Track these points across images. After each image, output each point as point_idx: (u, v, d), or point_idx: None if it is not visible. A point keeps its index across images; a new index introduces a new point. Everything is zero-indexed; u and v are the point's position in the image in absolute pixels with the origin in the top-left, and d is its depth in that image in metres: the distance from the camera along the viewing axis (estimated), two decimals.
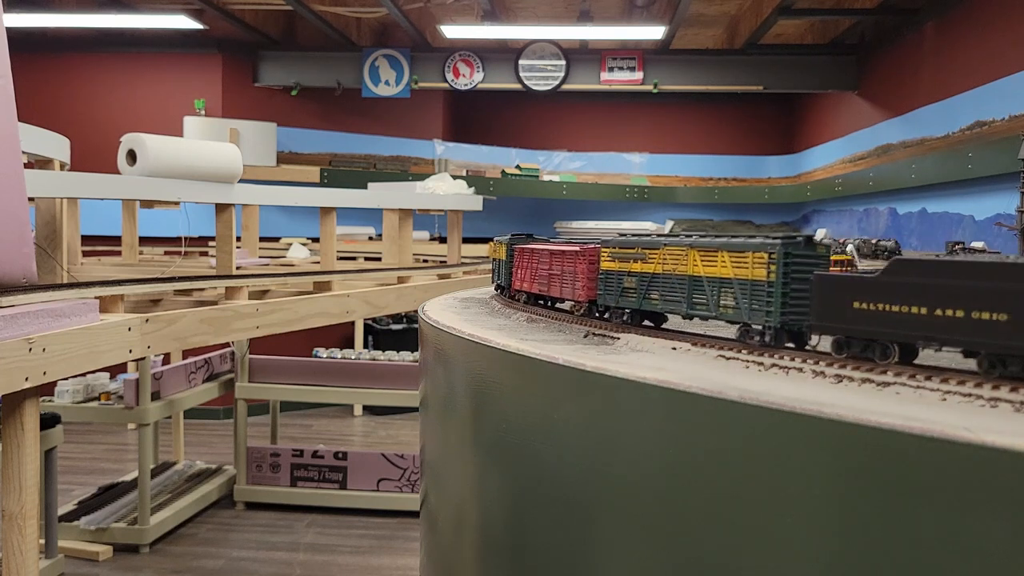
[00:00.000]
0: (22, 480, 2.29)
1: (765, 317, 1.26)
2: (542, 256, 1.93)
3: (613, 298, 1.62)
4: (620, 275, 1.59)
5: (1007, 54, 5.24)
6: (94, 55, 8.59)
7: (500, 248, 2.29)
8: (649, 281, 1.51)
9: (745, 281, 1.29)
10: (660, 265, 1.48)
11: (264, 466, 5.82)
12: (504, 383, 1.46)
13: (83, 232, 4.58)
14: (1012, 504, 0.77)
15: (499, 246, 2.30)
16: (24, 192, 2.48)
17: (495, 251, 2.37)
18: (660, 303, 1.49)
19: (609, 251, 1.64)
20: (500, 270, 2.29)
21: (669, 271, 1.47)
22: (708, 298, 1.37)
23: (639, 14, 8.11)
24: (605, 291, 1.65)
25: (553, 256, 1.87)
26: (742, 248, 1.31)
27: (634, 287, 1.55)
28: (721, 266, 1.35)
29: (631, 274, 1.56)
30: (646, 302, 1.53)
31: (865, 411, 0.89)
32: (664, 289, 1.48)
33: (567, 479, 1.28)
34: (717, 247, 1.36)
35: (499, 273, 2.31)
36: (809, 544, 0.93)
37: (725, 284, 1.33)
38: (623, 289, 1.58)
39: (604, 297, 1.65)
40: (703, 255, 1.39)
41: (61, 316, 2.38)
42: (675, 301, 1.45)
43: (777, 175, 10.39)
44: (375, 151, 9.66)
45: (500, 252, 2.29)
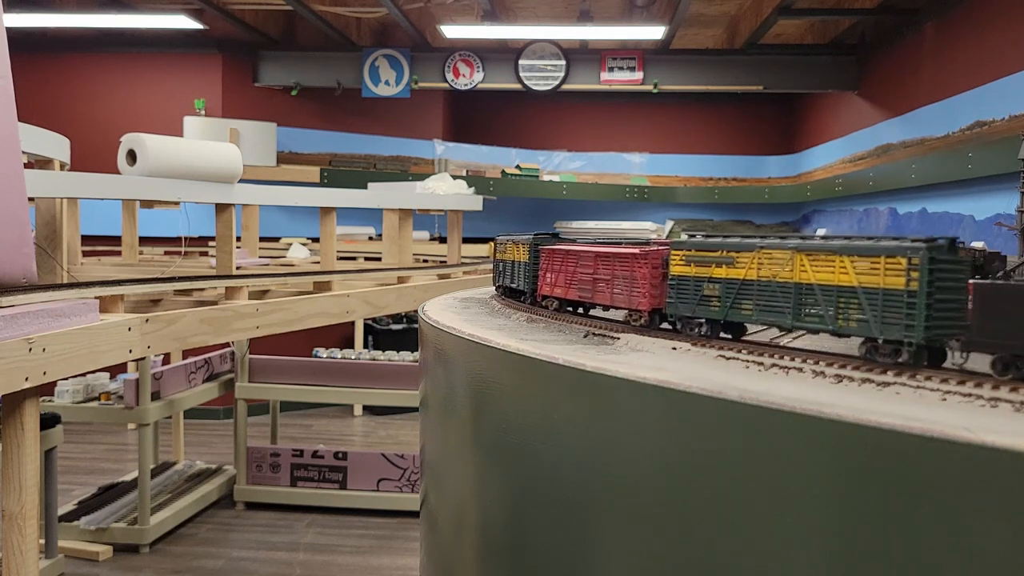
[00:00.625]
0: (22, 480, 2.29)
1: (904, 332, 1.10)
2: (584, 258, 1.72)
3: (688, 307, 1.43)
4: (699, 281, 1.41)
5: (1007, 54, 5.24)
6: (94, 55, 8.59)
7: (517, 248, 2.09)
8: (738, 288, 1.34)
9: (874, 290, 1.13)
10: (754, 270, 1.31)
11: (264, 466, 5.82)
12: (504, 383, 1.46)
13: (83, 232, 4.58)
14: (1012, 504, 0.77)
15: (515, 246, 2.12)
16: (24, 192, 2.48)
17: (508, 251, 2.19)
18: (754, 313, 1.31)
19: (683, 254, 1.45)
20: (516, 273, 2.11)
21: (767, 277, 1.29)
22: (822, 309, 1.20)
23: (639, 14, 8.11)
24: (677, 299, 1.45)
25: (601, 259, 1.67)
26: (871, 252, 1.14)
27: (717, 295, 1.37)
28: (840, 272, 1.17)
29: (713, 280, 1.38)
30: (735, 312, 1.35)
31: (865, 411, 0.89)
32: (760, 298, 1.30)
33: (567, 479, 1.28)
34: (835, 251, 1.19)
35: (515, 276, 2.13)
36: (809, 544, 0.93)
37: (847, 293, 1.17)
38: (702, 297, 1.40)
39: (676, 306, 1.46)
40: (815, 259, 1.22)
41: (61, 316, 2.38)
42: (775, 312, 1.27)
43: (777, 175, 10.39)
44: (375, 151, 9.66)
45: (517, 253, 2.10)
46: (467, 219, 5.67)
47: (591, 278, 1.70)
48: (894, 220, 6.84)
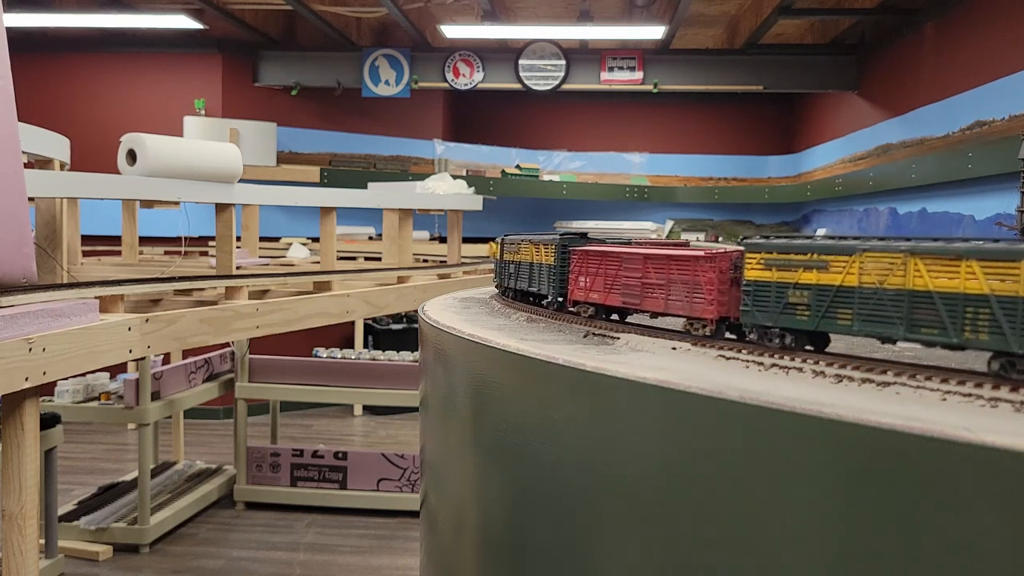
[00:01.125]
0: (22, 480, 2.29)
1: None
2: (631, 261, 1.57)
3: (769, 315, 1.29)
4: (781, 287, 1.27)
5: (1007, 54, 5.24)
6: (94, 55, 8.59)
7: (538, 250, 1.94)
8: (833, 296, 1.19)
9: (1013, 299, 1.00)
10: (855, 276, 1.17)
11: (264, 466, 5.82)
12: (504, 383, 1.46)
13: (83, 232, 4.58)
14: (1012, 504, 0.77)
15: (534, 247, 1.97)
16: (24, 192, 2.48)
17: (523, 252, 2.05)
18: (854, 323, 1.17)
19: (762, 257, 1.30)
20: (537, 276, 1.96)
21: (871, 284, 1.14)
22: (943, 319, 1.07)
23: (639, 14, 8.11)
24: (754, 307, 1.31)
25: (653, 261, 1.52)
26: (1005, 256, 1.01)
27: (807, 303, 1.23)
28: (968, 278, 1.05)
29: (800, 286, 1.24)
30: (828, 322, 1.20)
31: (865, 411, 0.89)
32: (863, 307, 1.16)
33: (567, 479, 1.28)
34: (960, 254, 1.05)
35: (535, 279, 1.98)
36: (809, 544, 0.93)
37: (975, 302, 1.04)
38: (787, 305, 1.26)
39: (752, 315, 1.31)
40: (933, 264, 1.08)
41: (61, 316, 2.38)
42: (882, 322, 1.13)
43: (777, 175, 10.39)
44: (375, 151, 9.66)
45: (538, 255, 1.95)
46: (467, 219, 5.67)
47: (639, 283, 1.54)
48: (894, 220, 6.84)
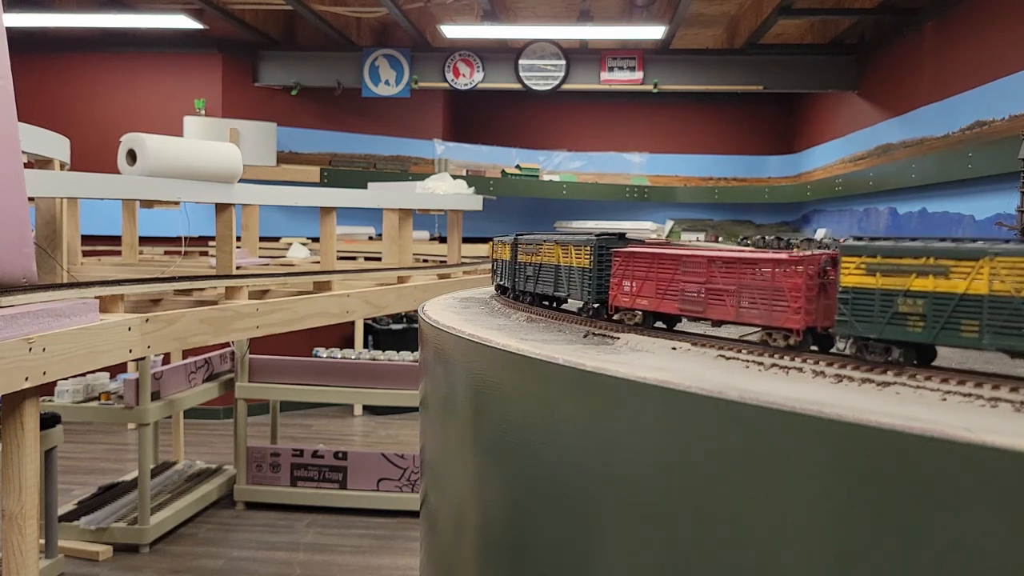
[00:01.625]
0: (22, 480, 2.29)
1: None
2: (692, 264, 1.42)
3: (873, 326, 1.15)
4: (888, 295, 1.14)
5: (1007, 54, 5.24)
6: (94, 55, 8.59)
7: (566, 251, 1.78)
8: (955, 305, 1.06)
9: None
10: (983, 283, 1.04)
11: (264, 466, 5.82)
12: (504, 383, 1.46)
13: (83, 232, 4.58)
14: (1012, 504, 0.77)
15: (560, 248, 1.81)
16: (24, 192, 2.48)
17: (545, 254, 1.92)
18: (983, 336, 1.03)
19: (863, 261, 1.17)
20: (565, 280, 1.82)
21: (1005, 292, 1.01)
22: None
23: (639, 14, 8.11)
24: (853, 316, 1.18)
25: (721, 265, 1.37)
26: None
27: (920, 312, 1.10)
28: None
29: (912, 294, 1.11)
30: (949, 334, 1.07)
31: (865, 411, 0.89)
32: (994, 318, 1.02)
33: (567, 479, 1.28)
34: None
35: (562, 283, 1.83)
36: (810, 544, 0.93)
37: None
38: (895, 315, 1.13)
39: (851, 325, 1.18)
40: None
41: (61, 316, 2.38)
42: (1020, 334, 1.00)
43: (777, 175, 10.39)
44: (375, 151, 9.66)
45: (567, 256, 1.81)
46: (467, 219, 5.67)
47: (702, 288, 1.39)
48: (894, 220, 6.84)
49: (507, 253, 2.16)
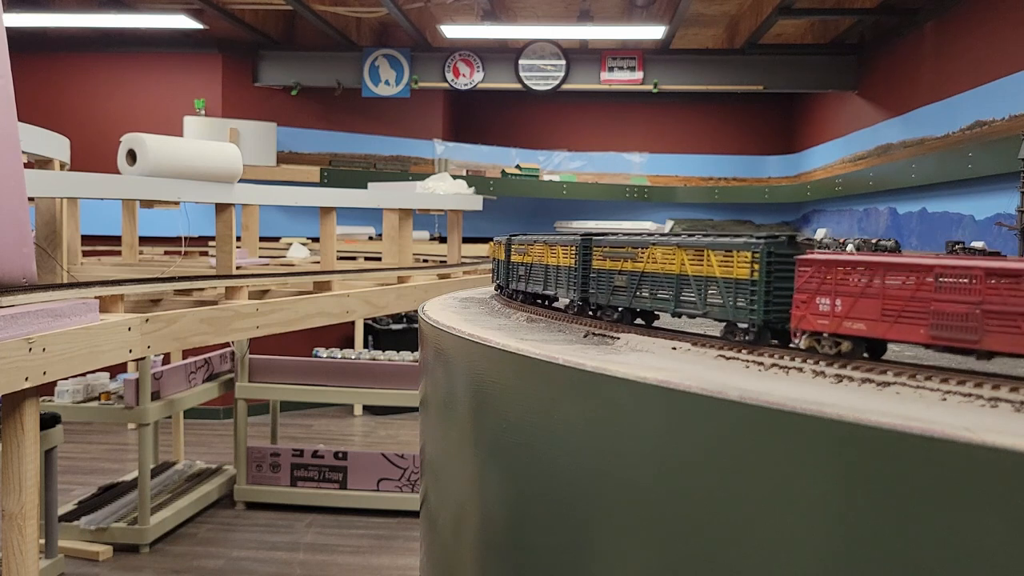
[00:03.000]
0: (22, 480, 2.29)
1: None
2: (951, 275, 1.05)
3: None
4: None
5: (1007, 53, 5.24)
6: (94, 55, 8.59)
7: (699, 257, 1.40)
8: None
9: None
10: None
11: (264, 466, 5.82)
12: (504, 383, 1.46)
13: (83, 232, 4.58)
14: (1012, 504, 0.77)
15: (683, 252, 1.43)
16: (24, 192, 2.48)
17: (649, 258, 1.57)
18: None
19: None
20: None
21: None
22: None
23: (639, 14, 8.11)
24: None
25: (1004, 278, 0.99)
26: None
27: None
28: None
29: None
30: None
31: (865, 411, 0.89)
32: None
33: (567, 479, 1.28)
34: None
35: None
36: (810, 544, 0.93)
37: None
38: None
39: None
40: None
41: (61, 316, 2.38)
42: None
43: (777, 175, 10.39)
44: (375, 151, 9.66)
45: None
46: (467, 219, 5.67)
47: (972, 311, 1.02)
48: (894, 220, 6.84)
49: (562, 257, 2.13)
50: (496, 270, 2.37)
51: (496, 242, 2.32)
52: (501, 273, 2.26)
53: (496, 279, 2.38)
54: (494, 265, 2.40)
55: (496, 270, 2.37)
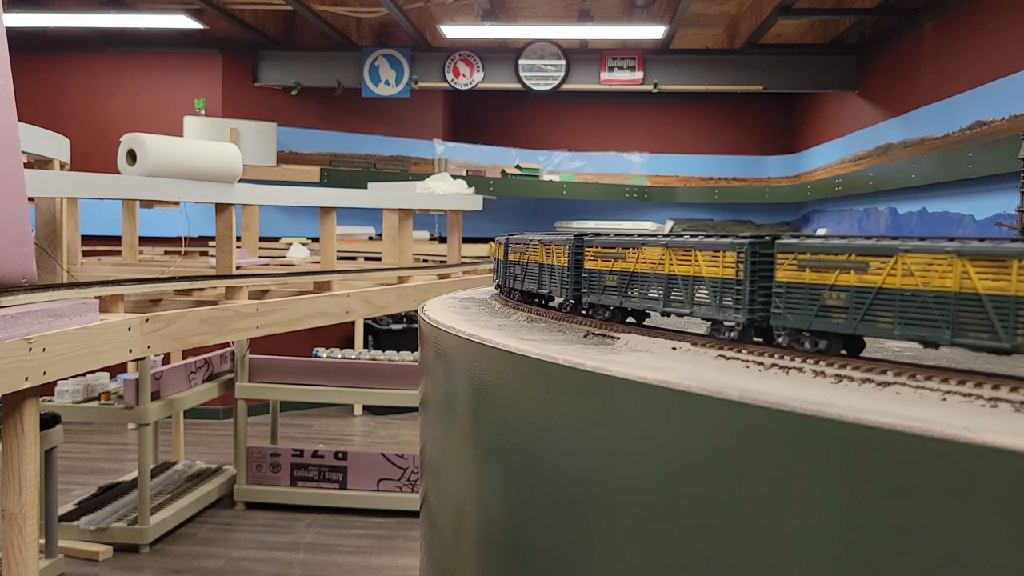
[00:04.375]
0: (22, 480, 2.29)
1: None
2: None
3: None
4: None
5: (1007, 53, 5.24)
6: (94, 55, 8.59)
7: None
8: None
9: None
10: None
11: (264, 466, 5.82)
12: (504, 383, 1.46)
13: (83, 232, 4.58)
14: (1013, 504, 0.76)
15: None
16: (24, 192, 2.48)
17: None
18: None
19: None
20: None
21: None
22: None
23: (639, 14, 8.11)
24: None
25: None
26: None
27: None
28: None
29: None
30: None
31: (865, 411, 0.89)
32: None
33: (567, 479, 1.28)
34: None
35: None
36: (810, 544, 0.93)
37: None
38: None
39: None
40: None
41: (61, 316, 2.38)
42: None
43: (777, 175, 10.39)
44: (375, 151, 9.66)
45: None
46: (467, 219, 5.67)
47: None
48: (894, 220, 6.84)
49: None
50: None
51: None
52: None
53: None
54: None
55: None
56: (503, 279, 2.21)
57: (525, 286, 2.02)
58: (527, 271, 1.99)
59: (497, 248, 2.33)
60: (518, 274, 2.06)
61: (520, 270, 2.04)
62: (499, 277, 2.33)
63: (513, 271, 2.10)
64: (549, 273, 1.84)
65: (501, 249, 2.25)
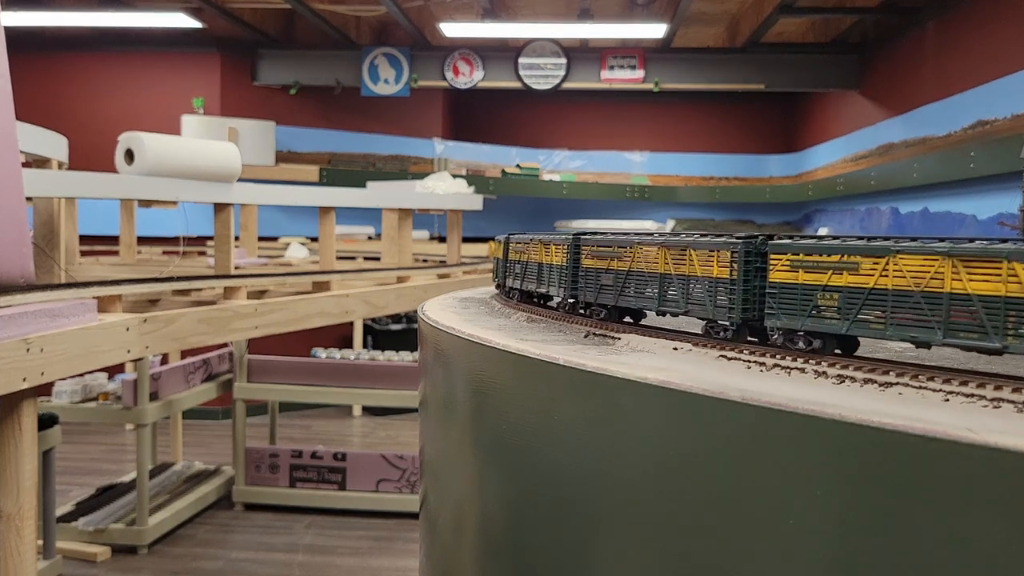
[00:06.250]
0: (19, 481, 2.28)
1: None
2: None
3: None
4: None
5: (1009, 52, 5.23)
6: (92, 54, 8.58)
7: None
8: None
9: None
10: None
11: (263, 467, 5.81)
12: (504, 383, 1.45)
13: (81, 232, 4.57)
14: (1014, 505, 0.76)
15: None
16: (22, 191, 2.47)
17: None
18: None
19: None
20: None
21: None
22: None
23: (640, 12, 8.10)
24: None
25: None
26: None
27: None
28: None
29: None
30: None
31: (867, 411, 0.88)
32: None
33: (567, 480, 1.27)
34: None
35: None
36: (811, 545, 0.92)
37: None
38: None
39: None
40: None
41: (59, 316, 2.37)
42: None
43: (778, 174, 10.38)
44: (374, 150, 9.65)
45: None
46: (467, 219, 5.67)
47: None
48: (896, 219, 6.83)
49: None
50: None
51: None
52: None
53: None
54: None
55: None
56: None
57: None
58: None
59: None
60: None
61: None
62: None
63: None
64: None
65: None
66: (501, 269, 2.24)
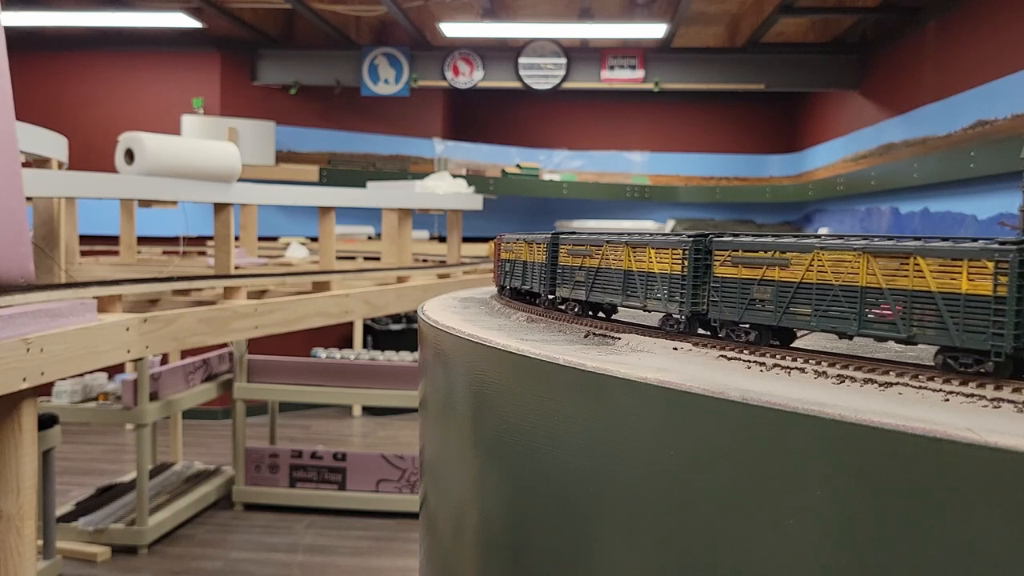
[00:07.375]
0: (19, 481, 2.28)
1: None
2: None
3: None
4: None
5: (1009, 52, 5.23)
6: (92, 54, 8.58)
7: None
8: None
9: None
10: None
11: (263, 467, 5.81)
12: (504, 383, 1.45)
13: (81, 232, 4.57)
14: (1015, 505, 0.76)
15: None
16: (22, 191, 2.47)
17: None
18: None
19: None
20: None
21: None
22: None
23: (640, 12, 8.10)
24: None
25: None
26: None
27: None
28: None
29: None
30: None
31: (867, 412, 0.88)
32: None
33: (567, 480, 1.27)
34: None
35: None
36: (812, 545, 0.92)
37: None
38: None
39: None
40: None
41: (59, 316, 2.37)
42: None
43: (779, 174, 10.38)
44: (374, 150, 9.65)
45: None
46: (467, 218, 5.66)
47: None
48: (896, 219, 6.83)
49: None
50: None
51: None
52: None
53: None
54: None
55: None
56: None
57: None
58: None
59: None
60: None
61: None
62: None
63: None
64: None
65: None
66: (540, 275, 2.20)
